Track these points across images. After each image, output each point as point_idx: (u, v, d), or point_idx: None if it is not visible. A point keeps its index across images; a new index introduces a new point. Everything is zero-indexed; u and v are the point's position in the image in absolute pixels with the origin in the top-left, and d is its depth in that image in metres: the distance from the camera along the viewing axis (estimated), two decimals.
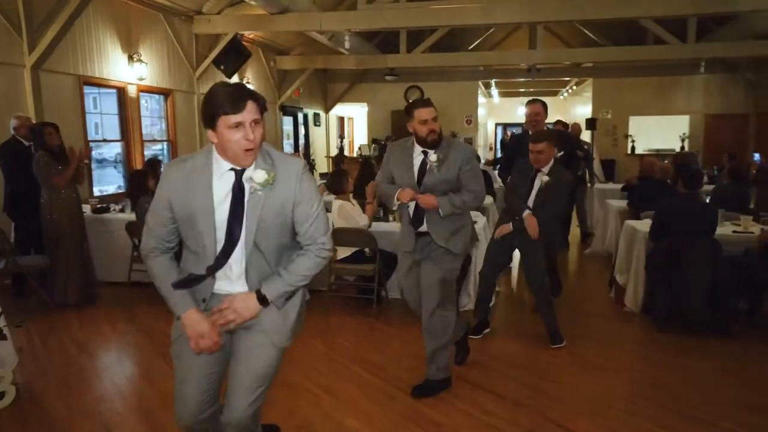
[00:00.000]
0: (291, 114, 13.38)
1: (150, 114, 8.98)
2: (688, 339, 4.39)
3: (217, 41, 9.33)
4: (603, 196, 8.39)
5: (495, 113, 20.34)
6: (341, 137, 15.57)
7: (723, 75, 13.26)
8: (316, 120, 14.84)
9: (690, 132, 13.74)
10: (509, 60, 13.40)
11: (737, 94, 13.37)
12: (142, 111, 8.29)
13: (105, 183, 8.33)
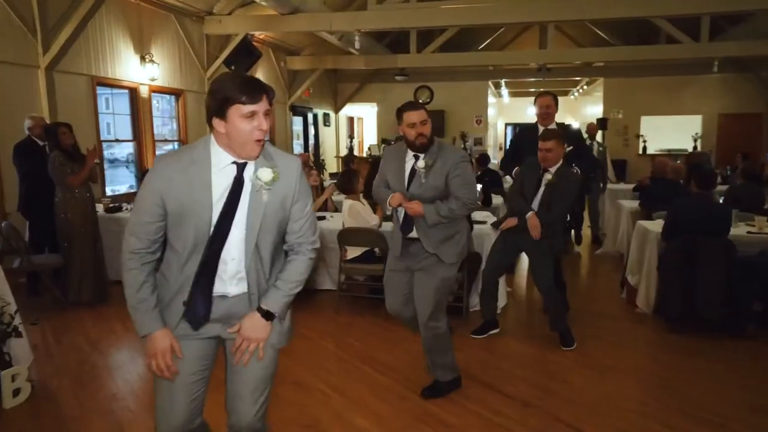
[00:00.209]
0: (301, 114, 13.42)
1: (161, 114, 9.05)
2: (699, 340, 4.35)
3: (228, 41, 9.38)
4: (614, 196, 8.34)
5: (505, 113, 20.24)
6: (351, 137, 15.57)
7: (736, 74, 13.10)
8: (326, 120, 14.87)
9: (703, 132, 13.61)
10: (519, 60, 13.36)
11: (750, 93, 13.22)
12: (153, 111, 8.36)
13: (117, 183, 8.41)
